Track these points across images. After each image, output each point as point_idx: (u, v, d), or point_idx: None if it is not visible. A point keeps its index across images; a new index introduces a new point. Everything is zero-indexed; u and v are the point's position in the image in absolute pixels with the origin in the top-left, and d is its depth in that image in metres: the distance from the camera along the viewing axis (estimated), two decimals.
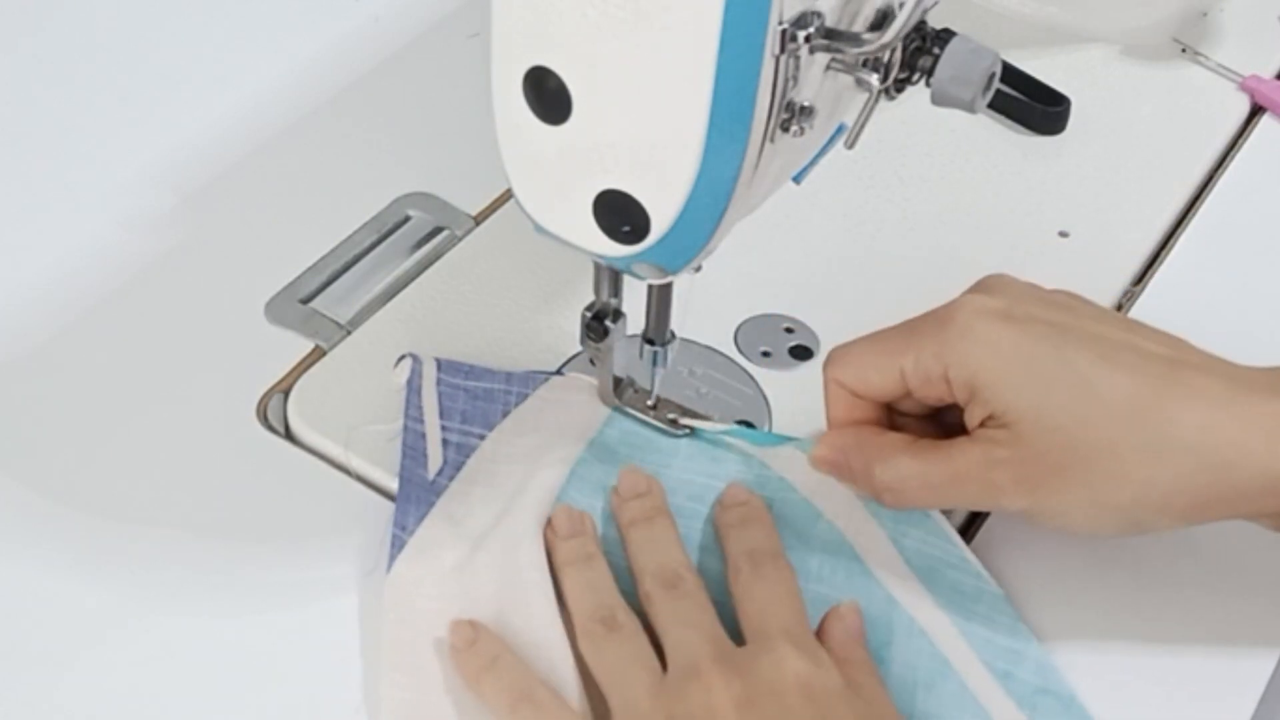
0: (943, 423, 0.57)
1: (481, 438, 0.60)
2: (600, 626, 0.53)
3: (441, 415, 0.60)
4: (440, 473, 0.59)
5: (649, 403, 0.61)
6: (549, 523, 0.57)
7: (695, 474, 0.60)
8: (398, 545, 0.56)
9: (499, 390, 0.62)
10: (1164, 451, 0.51)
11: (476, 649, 0.53)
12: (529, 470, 0.59)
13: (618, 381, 0.61)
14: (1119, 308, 0.69)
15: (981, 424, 0.53)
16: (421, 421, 0.60)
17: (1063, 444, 0.52)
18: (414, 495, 0.58)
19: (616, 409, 0.62)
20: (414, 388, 0.61)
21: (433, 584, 0.55)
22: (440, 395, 0.61)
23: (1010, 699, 0.54)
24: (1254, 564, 0.58)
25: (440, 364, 0.62)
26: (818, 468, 0.58)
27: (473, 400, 0.61)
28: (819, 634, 0.54)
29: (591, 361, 0.61)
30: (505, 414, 0.61)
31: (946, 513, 0.58)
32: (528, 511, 0.57)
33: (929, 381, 0.54)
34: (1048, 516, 0.54)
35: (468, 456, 0.60)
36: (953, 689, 0.54)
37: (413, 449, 0.59)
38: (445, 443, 0.60)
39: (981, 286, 0.56)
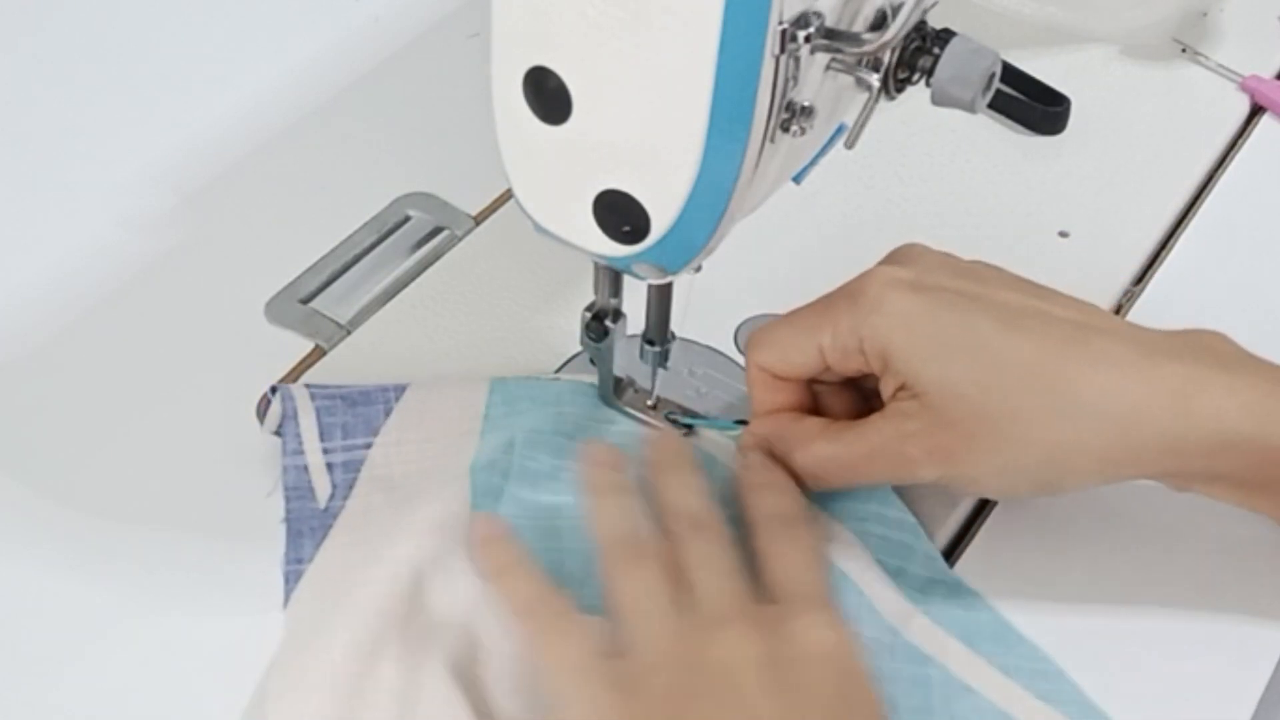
0: (863, 391, 0.58)
1: (368, 446, 0.60)
2: (629, 551, 0.52)
3: (322, 437, 0.59)
4: (331, 498, 0.58)
5: (649, 403, 0.62)
6: (584, 453, 0.56)
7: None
8: (293, 578, 0.56)
9: (376, 390, 0.61)
10: (1067, 414, 0.52)
11: (497, 547, 0.53)
12: (427, 473, 0.59)
13: (618, 381, 0.61)
14: (1119, 308, 0.69)
15: (895, 395, 0.54)
16: (302, 453, 0.59)
17: (969, 412, 0.52)
18: (305, 529, 0.57)
19: (618, 409, 0.62)
20: (289, 414, 0.60)
21: (326, 603, 0.55)
22: (318, 412, 0.60)
23: (900, 592, 0.55)
24: (1254, 564, 0.58)
25: (311, 388, 0.61)
26: (744, 458, 0.58)
27: (351, 407, 0.60)
28: None
29: (591, 361, 0.61)
30: (388, 413, 0.61)
31: (955, 502, 0.59)
32: (435, 523, 0.56)
33: (847, 355, 0.55)
34: (961, 484, 0.55)
35: (357, 471, 0.59)
36: (851, 600, 0.54)
37: (295, 488, 0.58)
38: (330, 466, 0.59)
39: (893, 257, 0.57)
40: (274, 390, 0.60)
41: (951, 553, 0.59)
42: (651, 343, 0.59)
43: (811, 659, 0.49)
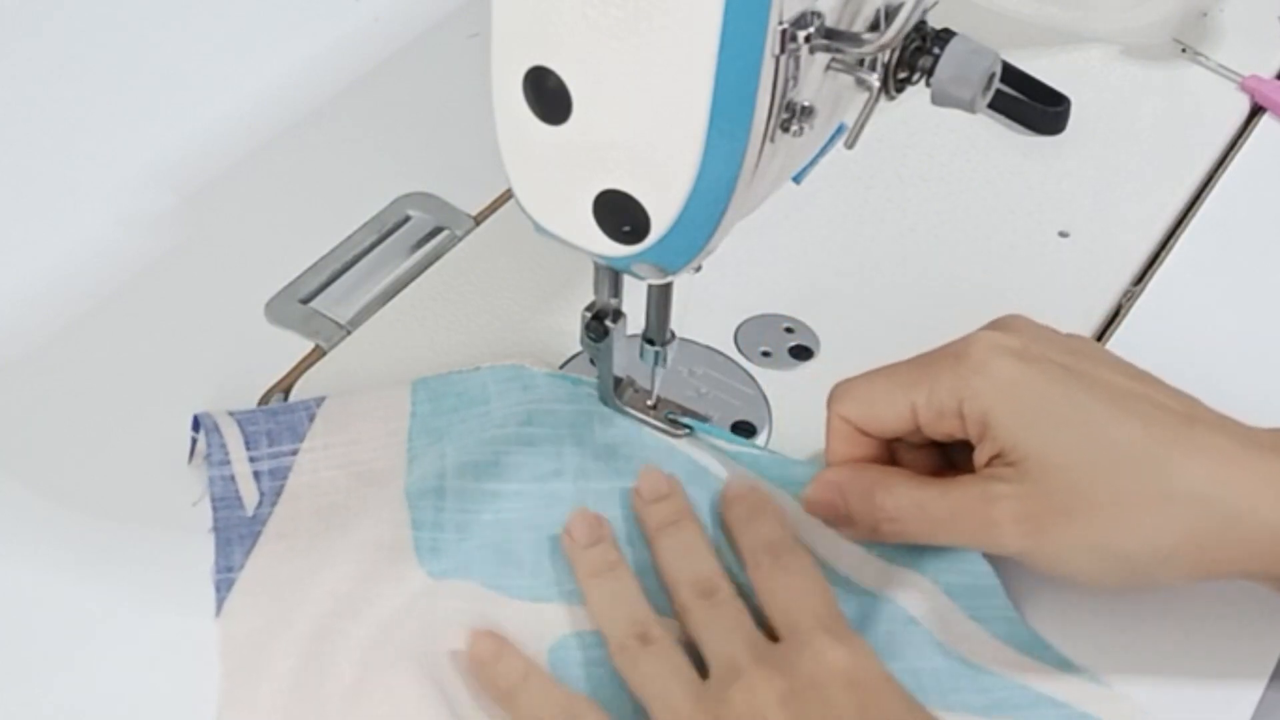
0: (949, 462, 0.57)
1: (294, 453, 0.59)
2: (635, 641, 0.52)
3: (247, 446, 0.59)
4: (259, 505, 0.58)
5: (649, 402, 0.61)
6: (567, 531, 0.56)
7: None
8: (225, 587, 0.55)
9: (297, 403, 0.61)
10: (1172, 500, 0.51)
11: (504, 666, 0.53)
12: (357, 479, 0.59)
13: (618, 381, 0.61)
14: (1119, 308, 0.69)
15: (989, 463, 0.53)
16: (228, 463, 0.59)
17: (1068, 486, 0.51)
18: (235, 536, 0.57)
19: (618, 409, 0.62)
20: (210, 429, 0.60)
21: (265, 610, 0.55)
22: (240, 424, 0.60)
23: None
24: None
25: (232, 413, 0.61)
26: (807, 509, 0.57)
27: (274, 417, 0.60)
28: None
29: (591, 361, 0.61)
30: (312, 419, 0.60)
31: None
32: (369, 531, 0.57)
33: (942, 416, 0.54)
34: (1048, 561, 0.53)
35: (285, 478, 0.59)
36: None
37: (223, 498, 0.58)
38: (257, 475, 0.59)
39: (998, 324, 0.56)
40: (195, 421, 0.60)
41: None
42: (651, 342, 0.59)
43: (828, 682, 0.50)
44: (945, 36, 0.50)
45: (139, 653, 0.55)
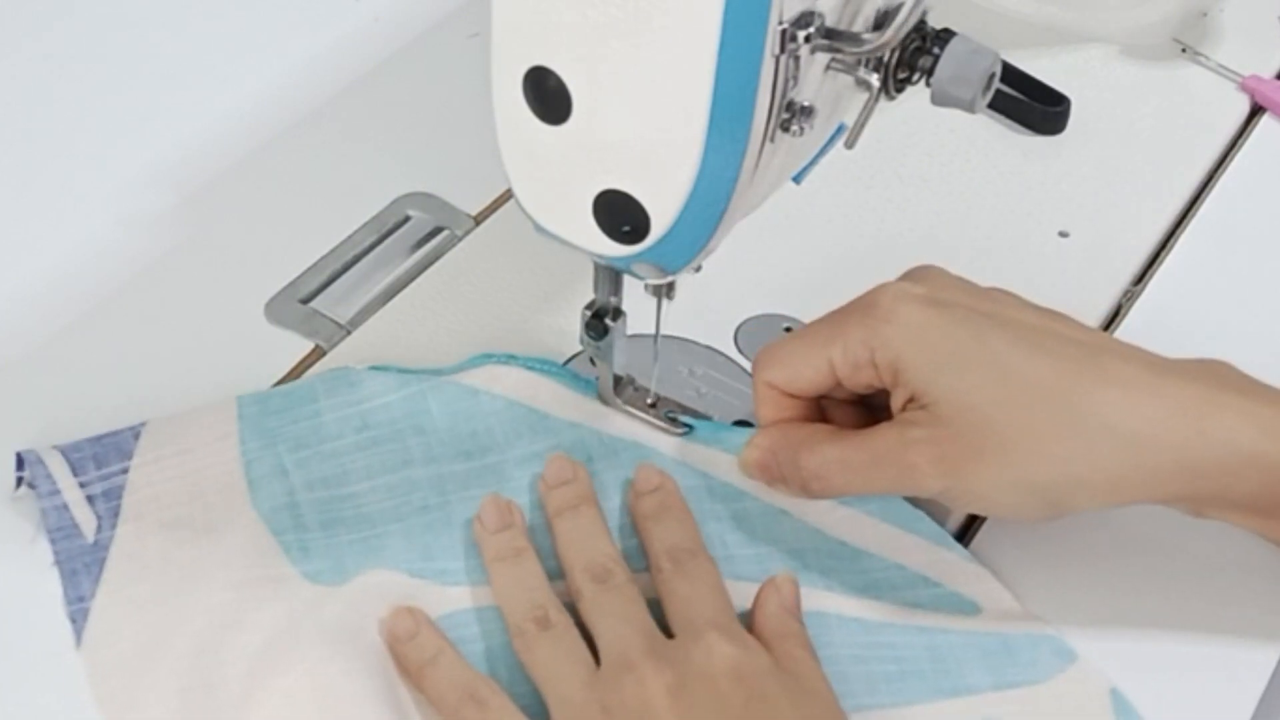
0: (872, 410, 0.58)
1: (125, 471, 0.59)
2: (533, 625, 0.53)
3: (75, 472, 0.58)
4: (99, 529, 0.57)
5: (649, 401, 0.62)
6: (477, 516, 0.57)
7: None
8: (80, 617, 0.54)
9: (120, 429, 0.60)
10: (1081, 429, 0.52)
11: (418, 642, 0.53)
12: (196, 490, 0.58)
13: (618, 380, 0.61)
14: (1119, 308, 0.69)
15: (904, 408, 0.54)
16: (58, 492, 0.58)
17: (980, 424, 0.52)
18: (80, 565, 0.56)
19: (618, 408, 0.62)
20: (33, 461, 0.58)
21: (133, 632, 0.54)
22: (63, 453, 0.59)
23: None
24: (1253, 564, 0.58)
25: (55, 446, 0.60)
26: (747, 472, 0.58)
27: (97, 441, 0.59)
28: (755, 604, 0.55)
29: (591, 361, 0.61)
30: (137, 437, 0.60)
31: (944, 518, 0.58)
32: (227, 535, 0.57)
33: (857, 368, 0.55)
34: (967, 498, 0.54)
35: (120, 498, 0.58)
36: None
37: (59, 528, 0.57)
38: (90, 499, 0.58)
39: (908, 275, 0.57)
40: (19, 460, 0.59)
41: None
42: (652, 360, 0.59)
43: (717, 675, 0.50)
44: (945, 36, 0.50)
45: None
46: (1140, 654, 0.56)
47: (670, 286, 0.56)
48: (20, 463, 0.59)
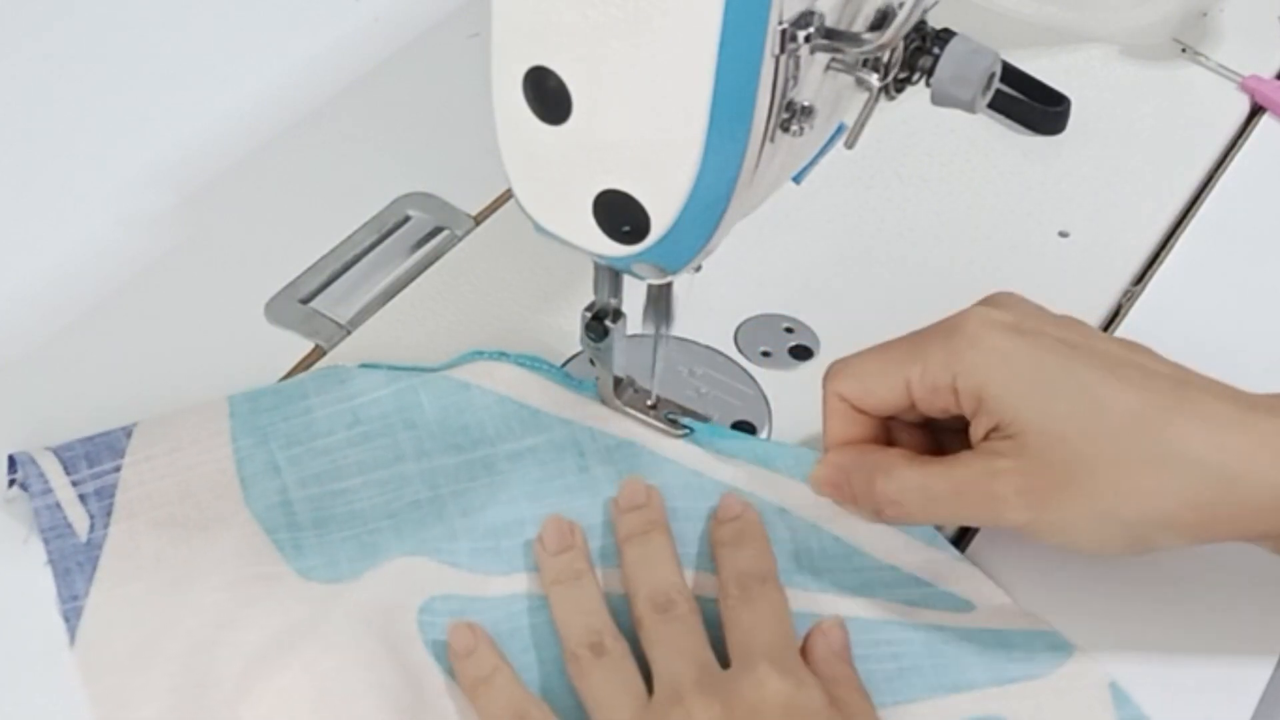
0: (940, 443, 0.57)
1: (117, 469, 0.58)
2: (588, 652, 0.53)
3: (67, 470, 0.58)
4: (92, 529, 0.57)
5: (649, 403, 0.61)
6: (538, 538, 0.56)
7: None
8: (74, 616, 0.54)
9: (111, 429, 0.60)
10: (1171, 464, 0.51)
11: (476, 659, 0.53)
12: (187, 488, 0.58)
13: (618, 381, 0.61)
14: (1119, 308, 0.69)
15: (986, 436, 0.53)
16: (50, 491, 0.57)
17: (1067, 456, 0.51)
18: (74, 564, 0.56)
19: (618, 409, 0.62)
20: (25, 461, 0.58)
21: (127, 630, 0.54)
22: (56, 452, 0.59)
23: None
24: (1253, 565, 0.58)
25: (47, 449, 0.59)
26: (817, 490, 0.58)
27: (89, 441, 0.59)
28: (803, 650, 0.54)
29: (591, 361, 0.61)
30: (129, 435, 0.59)
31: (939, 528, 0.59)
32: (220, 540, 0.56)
33: (936, 392, 0.54)
34: (1051, 531, 0.53)
35: (113, 497, 0.58)
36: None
37: (52, 527, 0.57)
38: (83, 497, 0.57)
39: (990, 300, 0.56)
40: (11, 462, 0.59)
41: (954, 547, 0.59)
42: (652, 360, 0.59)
43: (766, 711, 0.50)
44: (945, 36, 0.50)
45: None
46: (1142, 651, 0.56)
47: (668, 305, 0.57)
48: (12, 464, 0.59)
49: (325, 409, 0.61)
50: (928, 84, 0.50)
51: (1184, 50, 0.82)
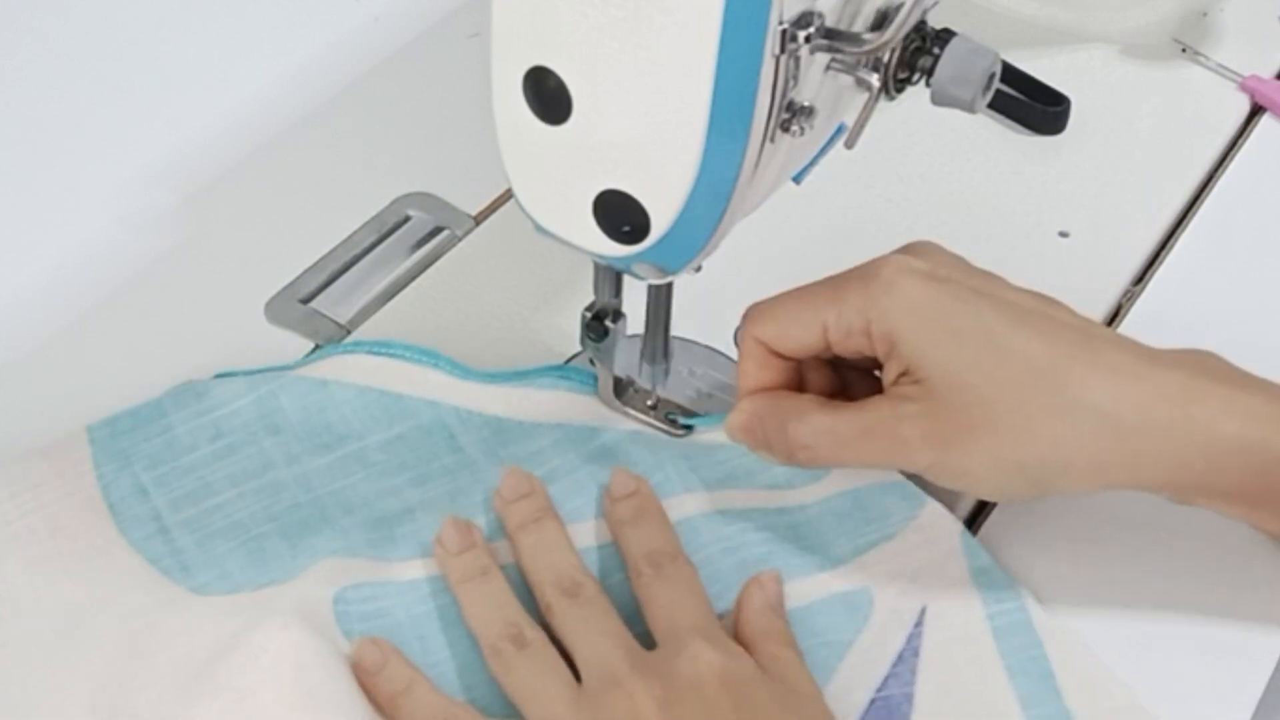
0: (847, 381, 0.58)
1: None
2: (509, 644, 0.53)
3: None
4: None
5: (649, 403, 0.62)
6: (438, 539, 0.56)
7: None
8: None
9: None
10: (1071, 411, 0.52)
11: (389, 673, 0.52)
12: (55, 517, 0.56)
13: (618, 381, 0.61)
14: (1119, 308, 0.69)
15: (897, 381, 0.54)
16: None
17: (971, 402, 0.52)
18: None
19: (618, 409, 0.62)
20: None
21: (24, 683, 0.52)
22: None
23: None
24: (1254, 563, 0.58)
25: None
26: (731, 436, 0.58)
27: None
28: (739, 602, 0.55)
29: (591, 361, 0.61)
30: None
31: (953, 503, 0.59)
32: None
33: (851, 335, 0.55)
34: (953, 475, 0.54)
35: None
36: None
37: None
38: None
39: (909, 249, 0.57)
40: None
41: None
42: (653, 361, 0.59)
43: (704, 683, 0.50)
44: (945, 36, 0.50)
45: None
46: (1150, 640, 0.56)
47: (667, 304, 0.57)
48: None
49: (185, 424, 0.60)
50: (928, 84, 0.50)
51: (1184, 50, 0.82)
